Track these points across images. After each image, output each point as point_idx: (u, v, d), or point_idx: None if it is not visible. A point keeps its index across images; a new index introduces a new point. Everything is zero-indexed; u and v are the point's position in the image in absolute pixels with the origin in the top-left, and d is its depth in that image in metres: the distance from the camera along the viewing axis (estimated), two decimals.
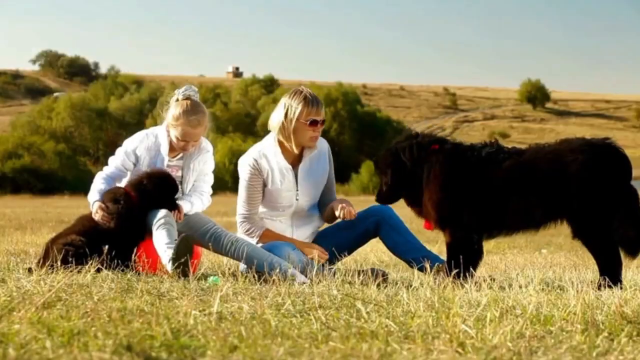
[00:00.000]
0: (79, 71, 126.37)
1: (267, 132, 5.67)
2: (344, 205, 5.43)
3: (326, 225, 5.80)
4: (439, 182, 5.03)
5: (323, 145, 5.66)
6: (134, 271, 5.00)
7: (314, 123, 5.45)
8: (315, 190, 5.64)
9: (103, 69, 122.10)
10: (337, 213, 5.45)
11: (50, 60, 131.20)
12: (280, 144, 5.52)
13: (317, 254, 5.37)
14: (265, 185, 5.53)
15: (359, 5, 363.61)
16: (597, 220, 4.84)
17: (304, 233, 5.64)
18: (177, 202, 5.39)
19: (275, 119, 5.50)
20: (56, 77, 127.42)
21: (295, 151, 5.53)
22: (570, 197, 4.85)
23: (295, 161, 5.58)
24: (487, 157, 4.99)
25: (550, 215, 4.95)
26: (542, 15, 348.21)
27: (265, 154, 5.51)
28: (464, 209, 4.99)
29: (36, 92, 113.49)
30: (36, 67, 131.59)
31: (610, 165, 4.87)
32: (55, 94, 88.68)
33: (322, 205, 5.68)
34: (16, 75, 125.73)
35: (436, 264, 5.17)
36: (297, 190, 5.56)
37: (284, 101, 5.49)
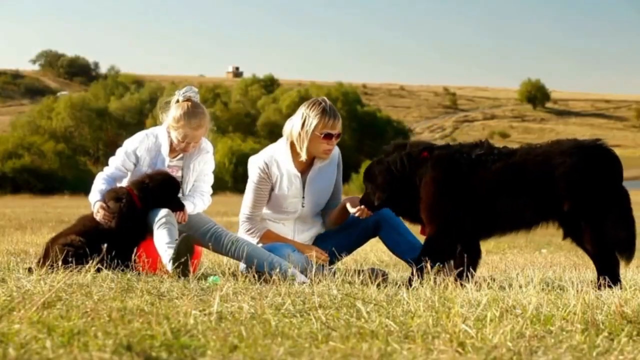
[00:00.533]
0: (79, 71, 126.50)
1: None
2: (360, 208, 5.37)
3: None
4: (432, 189, 5.01)
5: (334, 152, 5.62)
6: (134, 271, 4.99)
7: (328, 136, 5.42)
8: (322, 198, 5.63)
9: (103, 69, 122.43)
10: (351, 210, 5.41)
11: (50, 60, 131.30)
12: (293, 150, 5.50)
13: (315, 255, 5.36)
14: (272, 189, 5.52)
15: (359, 5, 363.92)
16: (589, 222, 4.82)
17: (304, 237, 5.65)
18: (182, 203, 5.39)
19: (292, 127, 5.48)
20: (56, 77, 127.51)
21: (307, 159, 5.53)
22: (559, 199, 4.83)
23: (305, 168, 5.57)
24: (477, 158, 4.97)
25: (540, 216, 4.94)
26: (542, 15, 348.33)
27: (276, 159, 5.50)
28: (457, 212, 4.97)
29: (36, 92, 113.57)
30: (36, 67, 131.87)
31: (600, 167, 4.85)
32: (58, 94, 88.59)
33: (326, 209, 5.67)
34: (16, 75, 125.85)
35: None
36: (304, 197, 5.55)
37: (302, 111, 5.45)
